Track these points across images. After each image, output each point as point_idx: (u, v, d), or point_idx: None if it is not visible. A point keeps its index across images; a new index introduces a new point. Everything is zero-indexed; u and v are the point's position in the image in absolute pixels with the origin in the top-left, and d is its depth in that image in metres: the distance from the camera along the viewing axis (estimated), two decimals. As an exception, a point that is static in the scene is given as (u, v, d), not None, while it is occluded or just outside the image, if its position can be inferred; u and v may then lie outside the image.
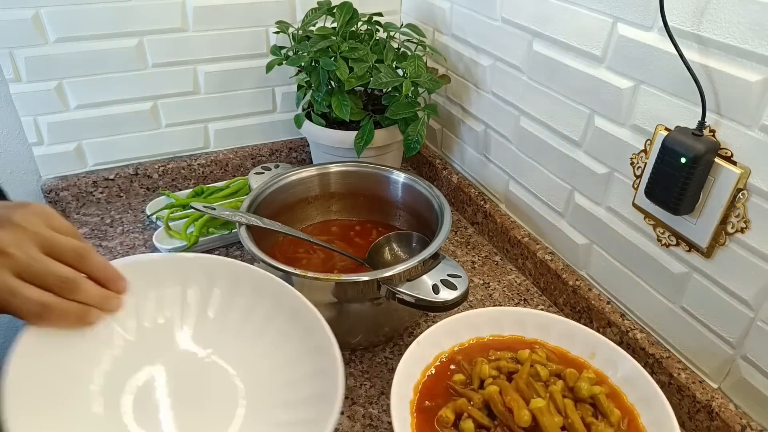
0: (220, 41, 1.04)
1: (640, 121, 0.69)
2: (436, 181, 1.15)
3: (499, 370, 0.57)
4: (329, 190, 0.93)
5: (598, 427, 0.50)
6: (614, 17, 0.69)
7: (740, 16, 0.55)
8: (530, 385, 0.54)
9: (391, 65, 0.94)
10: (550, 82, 0.82)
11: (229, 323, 0.60)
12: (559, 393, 0.53)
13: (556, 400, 0.52)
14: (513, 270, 0.95)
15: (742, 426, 0.63)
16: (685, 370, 0.69)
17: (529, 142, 0.89)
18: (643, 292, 0.74)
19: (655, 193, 0.65)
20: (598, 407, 0.53)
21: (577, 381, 0.55)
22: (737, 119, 0.58)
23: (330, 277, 0.69)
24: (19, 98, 0.94)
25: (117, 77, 0.99)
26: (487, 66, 0.95)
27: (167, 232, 0.94)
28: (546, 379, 0.54)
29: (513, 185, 0.96)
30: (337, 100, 0.94)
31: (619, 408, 0.54)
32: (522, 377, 0.54)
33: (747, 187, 0.58)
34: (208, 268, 0.61)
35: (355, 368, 0.75)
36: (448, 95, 1.09)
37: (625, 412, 0.54)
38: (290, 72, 1.09)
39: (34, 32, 0.90)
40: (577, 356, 0.60)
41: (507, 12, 0.87)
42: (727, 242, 0.61)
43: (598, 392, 0.54)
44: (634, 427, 0.52)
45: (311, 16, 0.97)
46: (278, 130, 1.18)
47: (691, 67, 0.59)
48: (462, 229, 1.06)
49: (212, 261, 0.62)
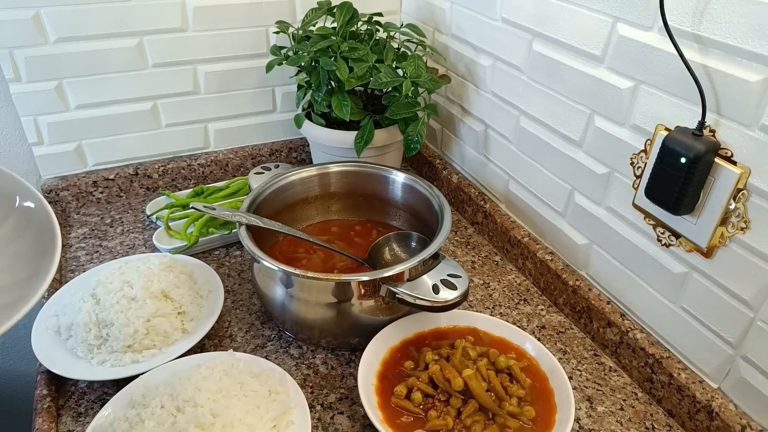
0: (220, 41, 1.04)
1: (640, 121, 0.69)
2: (436, 181, 1.15)
3: (439, 355, 0.71)
4: (329, 190, 0.93)
5: (512, 388, 0.67)
6: (614, 17, 0.69)
7: (740, 16, 0.55)
8: (462, 362, 0.69)
9: (391, 65, 0.94)
10: (550, 82, 0.82)
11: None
12: (484, 366, 0.69)
13: (481, 371, 0.68)
14: (513, 270, 0.95)
15: (742, 426, 0.63)
16: (685, 370, 0.69)
17: (529, 142, 0.89)
18: (643, 292, 0.74)
19: (655, 193, 0.65)
20: (513, 375, 0.69)
21: (497, 357, 0.71)
22: (737, 119, 0.58)
23: (330, 277, 0.69)
24: (19, 98, 0.94)
25: (117, 77, 0.99)
26: (487, 66, 0.95)
27: (167, 232, 0.94)
28: (474, 358, 0.70)
29: (513, 185, 0.96)
30: (337, 100, 0.94)
31: (533, 376, 0.70)
32: (456, 356, 0.70)
33: (747, 187, 0.58)
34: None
35: (355, 368, 0.75)
36: (448, 95, 1.09)
37: (538, 379, 0.70)
38: (290, 72, 1.09)
39: (34, 32, 0.90)
40: (514, 344, 0.75)
41: (507, 12, 0.87)
42: (727, 242, 0.61)
43: (512, 364, 0.69)
44: (545, 388, 0.69)
45: (311, 16, 0.97)
46: (278, 130, 1.18)
47: (691, 67, 0.59)
48: (462, 229, 1.06)
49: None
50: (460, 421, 0.64)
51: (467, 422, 0.64)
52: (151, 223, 1.01)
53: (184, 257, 0.87)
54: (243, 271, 0.91)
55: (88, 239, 0.97)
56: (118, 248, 0.95)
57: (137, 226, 1.01)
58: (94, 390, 0.71)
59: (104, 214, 1.04)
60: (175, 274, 0.81)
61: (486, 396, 0.66)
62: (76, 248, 0.95)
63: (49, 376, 0.70)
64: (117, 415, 0.63)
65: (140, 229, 1.00)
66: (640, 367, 0.74)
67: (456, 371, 0.67)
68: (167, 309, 0.76)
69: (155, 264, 0.81)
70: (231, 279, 0.90)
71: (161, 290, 0.77)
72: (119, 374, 0.69)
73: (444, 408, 0.66)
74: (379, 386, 0.69)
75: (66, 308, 0.75)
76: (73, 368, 0.70)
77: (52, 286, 0.83)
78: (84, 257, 0.93)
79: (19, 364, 1.25)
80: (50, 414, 0.67)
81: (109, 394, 0.68)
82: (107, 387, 0.71)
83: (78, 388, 0.72)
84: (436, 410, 0.65)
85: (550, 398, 0.68)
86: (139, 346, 0.72)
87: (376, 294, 0.71)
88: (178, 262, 0.84)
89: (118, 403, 0.65)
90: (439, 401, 0.66)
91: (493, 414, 0.66)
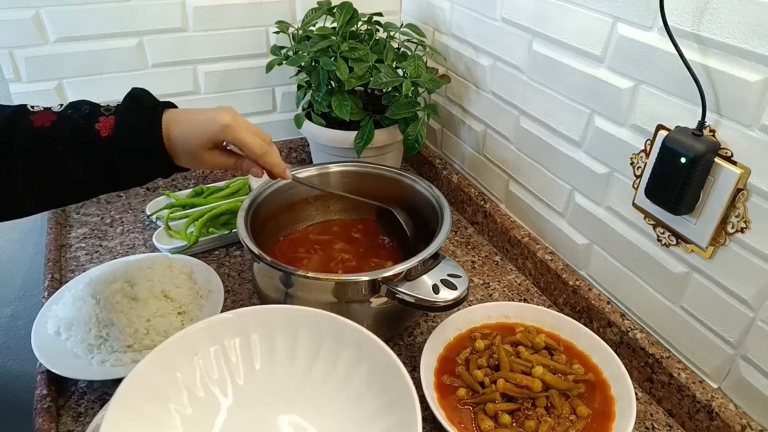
0: (220, 41, 1.04)
1: (640, 121, 0.69)
2: (436, 181, 1.15)
3: (487, 363, 0.72)
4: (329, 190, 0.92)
5: (562, 358, 0.72)
6: (614, 17, 0.69)
7: (740, 16, 0.55)
8: (513, 361, 0.70)
9: (391, 65, 0.94)
10: (550, 82, 0.82)
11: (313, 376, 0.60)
12: (528, 353, 0.72)
13: (542, 361, 0.70)
14: (513, 270, 0.95)
15: (742, 426, 0.63)
16: (685, 370, 0.69)
17: (529, 142, 0.89)
18: (643, 292, 0.74)
19: (655, 193, 0.65)
20: (550, 347, 0.73)
21: (534, 338, 0.74)
22: (737, 119, 0.58)
23: (330, 277, 0.69)
24: (19, 98, 0.94)
25: (117, 77, 0.99)
26: (487, 66, 0.95)
27: (167, 232, 0.94)
28: (524, 353, 0.72)
29: (513, 185, 0.96)
30: (337, 100, 0.94)
31: (570, 352, 0.74)
32: (503, 358, 0.71)
33: (747, 187, 0.58)
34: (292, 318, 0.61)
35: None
36: (448, 95, 1.09)
37: (574, 355, 0.74)
38: (290, 72, 1.09)
39: (34, 32, 0.90)
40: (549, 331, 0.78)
41: (507, 12, 0.87)
42: (727, 242, 0.61)
43: (544, 339, 0.74)
44: (576, 353, 0.74)
45: (311, 16, 0.97)
46: (278, 130, 1.18)
47: (691, 67, 0.59)
48: (462, 229, 1.06)
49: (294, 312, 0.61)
50: (555, 415, 0.65)
51: (562, 411, 0.66)
52: (151, 223, 1.01)
53: (184, 257, 0.87)
54: (243, 271, 0.91)
55: (88, 239, 0.97)
56: (118, 248, 0.95)
57: (137, 226, 1.01)
58: (94, 390, 0.71)
59: (104, 214, 1.04)
60: (175, 274, 0.81)
61: (561, 381, 0.68)
62: (76, 248, 0.95)
63: (49, 376, 0.70)
64: (117, 415, 0.63)
65: (140, 229, 1.00)
66: (640, 366, 0.74)
67: (522, 375, 0.67)
68: (167, 309, 0.76)
69: (155, 264, 0.81)
70: (231, 279, 0.90)
71: (161, 290, 0.77)
72: (119, 374, 0.69)
73: (535, 412, 0.66)
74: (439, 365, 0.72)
75: (66, 308, 0.75)
76: (73, 368, 0.70)
77: (52, 286, 0.83)
78: (84, 257, 0.93)
79: (19, 364, 1.25)
80: (50, 414, 0.67)
81: (109, 394, 0.67)
82: (107, 387, 0.71)
83: (78, 388, 0.72)
84: (531, 419, 0.65)
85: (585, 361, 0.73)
86: (139, 346, 0.72)
87: (376, 294, 0.71)
88: (178, 262, 0.84)
89: (118, 403, 0.65)
90: (528, 409, 0.66)
91: (568, 390, 0.68)
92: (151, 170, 0.61)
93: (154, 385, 0.53)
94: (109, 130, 0.56)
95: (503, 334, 0.75)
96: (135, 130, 0.57)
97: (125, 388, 0.50)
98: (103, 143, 0.56)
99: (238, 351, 0.59)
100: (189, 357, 0.56)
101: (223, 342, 0.58)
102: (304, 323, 0.60)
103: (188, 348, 0.56)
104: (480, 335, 0.75)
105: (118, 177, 0.58)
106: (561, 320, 0.77)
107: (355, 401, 0.57)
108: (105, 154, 0.56)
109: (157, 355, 0.54)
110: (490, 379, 0.68)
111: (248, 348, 0.59)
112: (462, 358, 0.72)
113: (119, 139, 0.56)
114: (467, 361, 0.72)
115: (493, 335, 0.75)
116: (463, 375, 0.70)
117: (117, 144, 0.56)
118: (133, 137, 0.57)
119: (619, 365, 0.70)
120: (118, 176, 0.58)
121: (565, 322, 0.76)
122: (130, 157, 0.57)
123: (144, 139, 0.57)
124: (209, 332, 0.58)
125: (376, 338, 0.58)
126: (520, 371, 0.68)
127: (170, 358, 0.55)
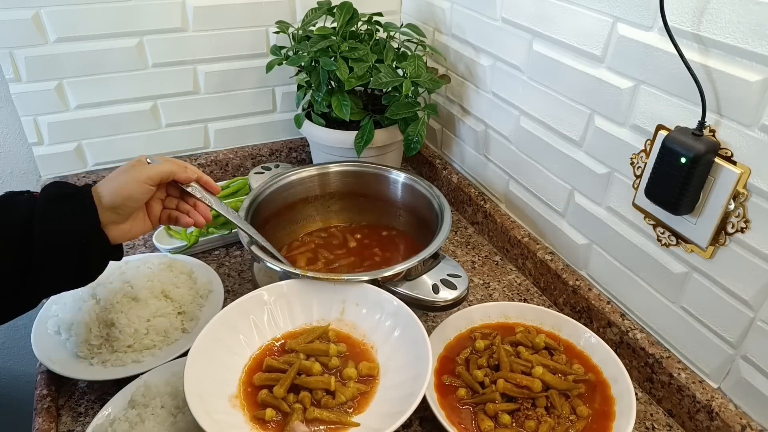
0: (220, 41, 1.04)
1: (640, 121, 0.69)
2: (436, 181, 1.15)
3: (487, 363, 0.72)
4: (329, 190, 0.93)
5: (562, 358, 0.72)
6: (614, 17, 0.69)
7: (740, 16, 0.55)
8: (513, 361, 0.70)
9: (391, 65, 0.94)
10: (550, 82, 0.82)
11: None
12: (528, 353, 0.72)
13: (542, 361, 0.70)
14: (513, 270, 0.95)
15: (742, 426, 0.63)
16: (685, 370, 0.69)
17: (529, 142, 0.89)
18: (643, 292, 0.74)
19: (655, 193, 0.65)
20: (550, 347, 0.74)
21: (533, 338, 0.74)
22: (737, 119, 0.58)
23: (330, 276, 0.69)
24: (19, 98, 0.94)
25: (117, 77, 0.99)
26: (487, 66, 0.95)
27: (167, 232, 0.94)
28: (523, 352, 0.73)
29: (513, 185, 0.96)
30: (337, 100, 0.94)
31: (570, 352, 0.75)
32: (503, 358, 0.71)
33: (747, 187, 0.58)
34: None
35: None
36: (448, 95, 1.09)
37: (574, 355, 0.74)
38: (290, 72, 1.09)
39: (34, 32, 0.90)
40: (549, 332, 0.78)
41: (507, 12, 0.87)
42: (727, 242, 0.61)
43: (544, 339, 0.74)
44: (576, 353, 0.74)
45: (311, 16, 0.97)
46: (278, 130, 1.18)
47: (691, 67, 0.59)
48: (462, 229, 1.06)
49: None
50: (555, 415, 0.65)
51: (562, 411, 0.66)
52: (151, 223, 1.01)
53: (184, 257, 0.87)
54: (243, 271, 0.91)
55: (88, 239, 0.97)
56: (118, 248, 0.95)
57: (137, 226, 1.01)
58: (94, 390, 0.71)
59: (104, 214, 1.04)
60: (175, 274, 0.81)
61: (561, 382, 0.68)
62: (76, 248, 0.95)
63: (49, 376, 0.70)
64: (117, 415, 0.63)
65: (140, 229, 1.00)
66: (640, 366, 0.74)
67: (522, 375, 0.67)
68: (167, 309, 0.76)
69: (155, 264, 0.81)
70: (231, 279, 0.90)
71: (161, 290, 0.77)
72: (119, 374, 0.69)
73: (535, 412, 0.66)
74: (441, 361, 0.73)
75: (66, 308, 0.75)
76: (74, 368, 0.70)
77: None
78: (84, 257, 0.93)
79: (19, 364, 1.25)
80: (50, 414, 0.67)
81: (109, 394, 0.67)
82: (107, 387, 0.71)
83: (78, 388, 0.72)
84: (531, 419, 0.65)
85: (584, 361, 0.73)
86: (139, 346, 0.72)
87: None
88: (178, 262, 0.84)
89: (118, 403, 0.65)
90: (528, 409, 0.66)
91: (568, 390, 0.68)
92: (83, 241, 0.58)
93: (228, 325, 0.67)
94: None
95: (503, 334, 0.75)
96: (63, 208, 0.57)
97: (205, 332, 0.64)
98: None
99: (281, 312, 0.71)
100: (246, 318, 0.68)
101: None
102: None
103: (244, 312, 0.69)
104: (480, 335, 0.75)
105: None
106: (561, 320, 0.77)
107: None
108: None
109: (218, 318, 0.66)
110: (490, 379, 0.68)
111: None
112: (462, 358, 0.72)
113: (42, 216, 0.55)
114: (467, 361, 0.71)
115: (493, 335, 0.75)
116: (463, 375, 0.70)
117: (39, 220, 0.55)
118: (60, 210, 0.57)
119: (619, 365, 0.69)
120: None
121: (565, 322, 0.76)
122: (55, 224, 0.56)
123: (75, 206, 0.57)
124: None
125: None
126: (520, 371, 0.68)
127: (232, 319, 0.67)
